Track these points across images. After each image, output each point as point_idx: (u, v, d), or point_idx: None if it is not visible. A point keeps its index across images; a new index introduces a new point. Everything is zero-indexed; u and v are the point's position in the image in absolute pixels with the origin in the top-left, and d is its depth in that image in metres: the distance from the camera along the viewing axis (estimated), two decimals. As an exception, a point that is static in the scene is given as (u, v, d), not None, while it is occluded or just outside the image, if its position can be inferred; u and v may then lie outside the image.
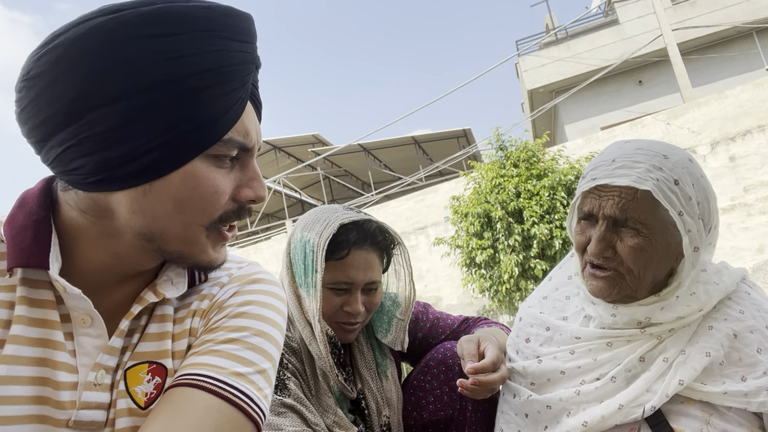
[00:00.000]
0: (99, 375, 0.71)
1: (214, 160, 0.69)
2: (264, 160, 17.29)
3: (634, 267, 1.09)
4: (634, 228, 1.08)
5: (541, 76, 15.21)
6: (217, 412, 0.68)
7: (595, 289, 1.14)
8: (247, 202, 0.74)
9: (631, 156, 1.09)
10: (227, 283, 0.85)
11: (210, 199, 0.69)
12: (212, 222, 0.71)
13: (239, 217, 0.75)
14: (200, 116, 0.64)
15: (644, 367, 1.10)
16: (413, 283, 1.44)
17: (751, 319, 1.09)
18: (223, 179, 0.70)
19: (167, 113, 0.63)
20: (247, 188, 0.73)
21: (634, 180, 1.05)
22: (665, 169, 1.06)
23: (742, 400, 1.01)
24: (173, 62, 0.62)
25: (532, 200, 7.00)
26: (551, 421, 1.16)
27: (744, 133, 8.37)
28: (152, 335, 0.77)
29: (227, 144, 0.68)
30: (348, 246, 1.27)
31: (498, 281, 7.20)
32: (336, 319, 1.31)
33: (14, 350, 0.67)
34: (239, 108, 0.68)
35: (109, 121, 0.61)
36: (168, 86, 0.62)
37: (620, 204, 1.07)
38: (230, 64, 0.66)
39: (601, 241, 1.10)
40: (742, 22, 12.95)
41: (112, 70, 0.60)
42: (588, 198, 1.13)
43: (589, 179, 1.12)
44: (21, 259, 0.68)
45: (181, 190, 0.67)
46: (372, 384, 1.37)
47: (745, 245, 7.95)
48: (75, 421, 0.68)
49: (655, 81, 14.48)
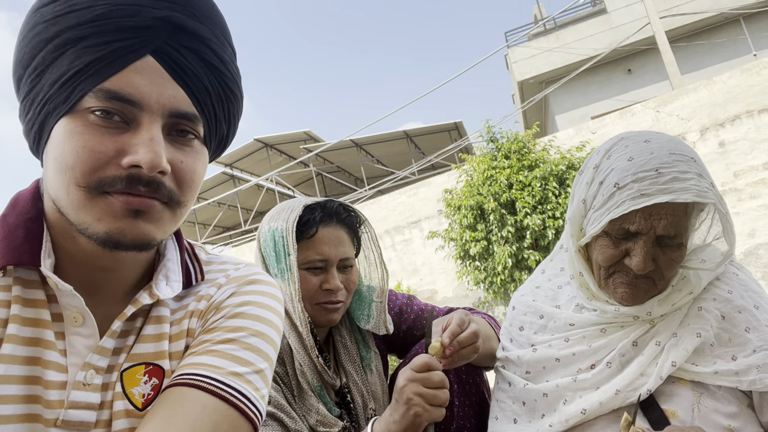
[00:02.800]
0: (88, 375, 0.71)
1: (93, 116, 0.64)
2: (256, 158, 17.22)
3: (671, 274, 1.10)
4: (679, 241, 1.06)
5: (530, 67, 15.23)
6: (214, 411, 0.69)
7: (628, 297, 1.10)
8: (132, 167, 0.65)
9: (673, 165, 1.02)
10: (224, 284, 0.85)
11: (80, 156, 0.64)
12: (90, 184, 0.64)
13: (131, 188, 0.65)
14: (72, 68, 0.64)
15: (637, 352, 1.11)
16: (384, 263, 1.48)
17: (740, 299, 1.10)
18: (102, 138, 0.64)
19: (52, 70, 0.65)
20: (133, 152, 0.64)
21: (696, 194, 0.98)
22: (703, 174, 1.03)
23: (733, 379, 1.02)
24: (55, 20, 0.65)
25: (524, 191, 7.03)
26: (548, 409, 1.17)
27: (733, 118, 8.43)
28: (149, 336, 0.76)
29: (99, 95, 0.64)
30: (315, 224, 1.31)
31: (492, 273, 7.24)
32: (317, 300, 1.32)
33: (10, 349, 0.67)
34: (120, 59, 0.64)
35: (25, 86, 0.67)
36: (51, 43, 0.65)
37: (674, 222, 1.03)
38: (112, 17, 0.64)
39: (648, 258, 1.04)
40: (729, 8, 13.01)
41: (23, 38, 0.67)
42: (635, 216, 1.03)
43: (636, 194, 1.01)
44: (13, 257, 0.68)
45: (56, 147, 0.65)
46: (357, 377, 1.38)
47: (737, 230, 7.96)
48: (63, 421, 0.68)
49: (644, 69, 14.53)
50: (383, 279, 1.47)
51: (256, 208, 18.74)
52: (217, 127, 0.76)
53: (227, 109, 0.77)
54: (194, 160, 0.72)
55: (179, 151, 0.70)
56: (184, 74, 0.69)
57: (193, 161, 0.72)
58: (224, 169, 17.12)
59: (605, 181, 1.07)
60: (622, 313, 1.13)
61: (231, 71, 0.75)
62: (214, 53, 0.71)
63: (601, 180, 1.09)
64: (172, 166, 0.69)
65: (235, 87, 0.76)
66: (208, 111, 0.73)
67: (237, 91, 0.77)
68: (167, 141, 0.69)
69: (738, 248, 7.88)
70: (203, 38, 0.70)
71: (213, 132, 0.76)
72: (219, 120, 0.76)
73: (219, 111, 0.75)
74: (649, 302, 1.12)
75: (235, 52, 0.79)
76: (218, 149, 0.82)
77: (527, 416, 1.20)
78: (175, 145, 0.70)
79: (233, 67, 0.76)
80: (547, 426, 1.14)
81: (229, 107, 0.77)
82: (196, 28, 0.69)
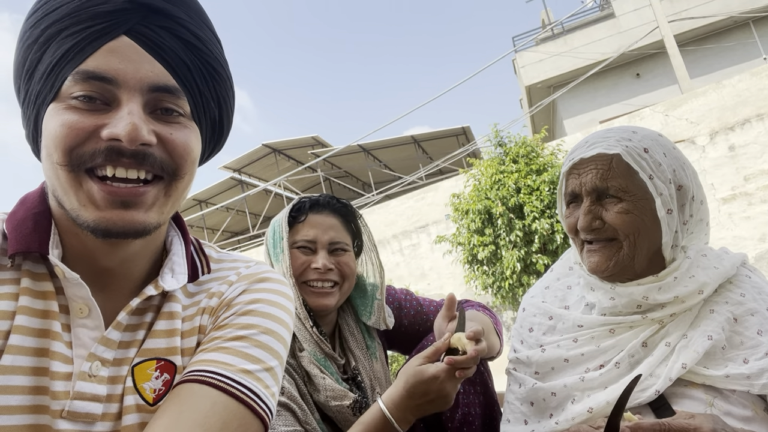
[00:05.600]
0: (94, 366, 0.72)
1: (73, 100, 0.68)
2: (264, 163, 17.30)
3: (626, 230, 1.12)
4: (616, 196, 1.13)
5: (538, 71, 15.20)
6: (224, 408, 0.69)
7: (594, 264, 1.17)
8: (111, 140, 0.67)
9: (602, 135, 1.18)
10: (236, 281, 0.86)
11: (59, 135, 0.67)
12: (72, 161, 0.67)
13: (110, 159, 0.67)
14: (53, 58, 0.68)
15: (647, 352, 1.10)
16: (380, 261, 1.59)
17: (752, 302, 1.09)
18: (82, 116, 0.67)
19: (40, 67, 0.69)
20: (111, 126, 0.67)
21: (604, 147, 1.12)
22: (634, 140, 1.14)
23: (744, 383, 1.01)
24: (37, 24, 0.70)
25: (532, 195, 7.01)
26: (556, 409, 1.17)
27: (743, 122, 8.36)
28: (160, 332, 0.77)
29: (76, 77, 0.67)
30: (305, 211, 1.46)
31: (500, 277, 7.21)
32: (305, 278, 1.40)
33: (18, 340, 0.67)
34: (95, 42, 0.67)
35: (22, 91, 0.72)
36: (37, 41, 0.69)
37: (599, 174, 1.13)
38: (85, 7, 0.68)
39: (588, 214, 1.15)
40: (738, 11, 12.94)
41: (17, 50, 0.72)
42: (569, 179, 1.20)
43: (567, 161, 1.21)
44: (22, 246, 0.70)
45: (45, 134, 0.69)
46: (365, 362, 1.45)
47: (747, 234, 7.94)
48: (68, 412, 0.68)
49: (652, 73, 14.47)
50: (381, 276, 1.57)
51: (264, 213, 18.81)
52: (204, 105, 0.77)
53: (213, 88, 0.78)
54: (185, 135, 0.74)
55: (167, 125, 0.72)
56: (160, 50, 0.71)
57: (183, 135, 0.74)
58: (232, 174, 17.22)
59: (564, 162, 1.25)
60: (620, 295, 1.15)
61: (211, 50, 0.77)
62: (189, 31, 0.74)
63: (564, 162, 1.25)
64: (161, 138, 0.71)
65: (218, 66, 0.78)
66: (191, 86, 0.74)
67: (222, 72, 0.79)
68: (152, 117, 0.71)
69: (749, 252, 7.79)
70: (176, 17, 0.73)
71: (201, 111, 0.77)
72: (205, 98, 0.77)
73: (204, 88, 0.76)
74: (645, 285, 1.13)
75: (218, 39, 0.81)
76: (214, 136, 0.84)
77: (536, 417, 1.20)
78: (162, 121, 0.72)
79: (214, 48, 0.78)
80: (554, 424, 1.14)
81: (215, 86, 0.78)
82: (168, 8, 0.72)
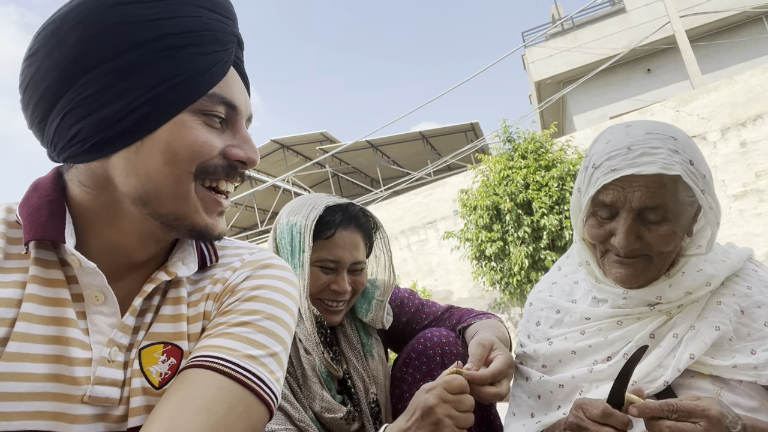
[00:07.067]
0: (113, 351, 0.73)
1: (203, 117, 0.73)
2: (272, 159, 17.33)
3: (666, 250, 1.09)
4: (662, 215, 1.06)
5: (548, 67, 15.10)
6: (229, 393, 0.70)
7: (622, 277, 1.12)
8: (237, 161, 0.77)
9: (646, 142, 1.05)
10: (240, 268, 0.86)
11: (199, 148, 0.72)
12: (201, 171, 0.73)
13: (229, 176, 0.77)
14: (184, 71, 0.70)
15: (655, 344, 1.10)
16: (393, 267, 1.52)
17: (759, 294, 1.10)
18: (212, 136, 0.74)
19: (153, 70, 0.69)
20: (238, 148, 0.77)
21: (662, 167, 1.01)
22: (680, 151, 1.04)
23: (752, 373, 1.01)
24: (153, 24, 0.69)
25: (540, 191, 6.97)
26: (564, 401, 1.17)
27: (755, 118, 8.27)
28: (167, 317, 0.78)
29: (212, 99, 0.73)
30: (334, 226, 1.34)
31: (508, 273, 7.18)
32: (322, 297, 1.36)
33: (25, 327, 0.68)
34: (221, 68, 0.74)
35: (100, 81, 0.68)
36: (150, 44, 0.68)
37: (649, 194, 1.04)
38: (209, 29, 0.73)
39: (630, 234, 1.06)
40: (751, 7, 12.77)
41: (101, 33, 0.67)
42: (609, 190, 1.07)
43: (607, 170, 1.06)
44: (38, 233, 0.71)
45: (171, 141, 0.71)
46: (357, 364, 1.41)
47: (759, 231, 7.87)
48: (90, 397, 0.70)
49: (663, 69, 14.32)
50: (389, 282, 1.51)
51: (272, 208, 18.86)
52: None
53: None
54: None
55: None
56: (246, 82, 0.81)
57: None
58: (241, 169, 17.21)
59: (589, 166, 1.14)
60: (632, 297, 1.13)
61: None
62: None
63: (587, 165, 1.14)
64: None
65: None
66: None
67: None
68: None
69: (760, 249, 7.72)
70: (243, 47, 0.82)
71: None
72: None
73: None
74: (658, 286, 1.12)
75: None
76: None
77: (544, 409, 1.21)
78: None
79: None
80: (561, 414, 1.14)
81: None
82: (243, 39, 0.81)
